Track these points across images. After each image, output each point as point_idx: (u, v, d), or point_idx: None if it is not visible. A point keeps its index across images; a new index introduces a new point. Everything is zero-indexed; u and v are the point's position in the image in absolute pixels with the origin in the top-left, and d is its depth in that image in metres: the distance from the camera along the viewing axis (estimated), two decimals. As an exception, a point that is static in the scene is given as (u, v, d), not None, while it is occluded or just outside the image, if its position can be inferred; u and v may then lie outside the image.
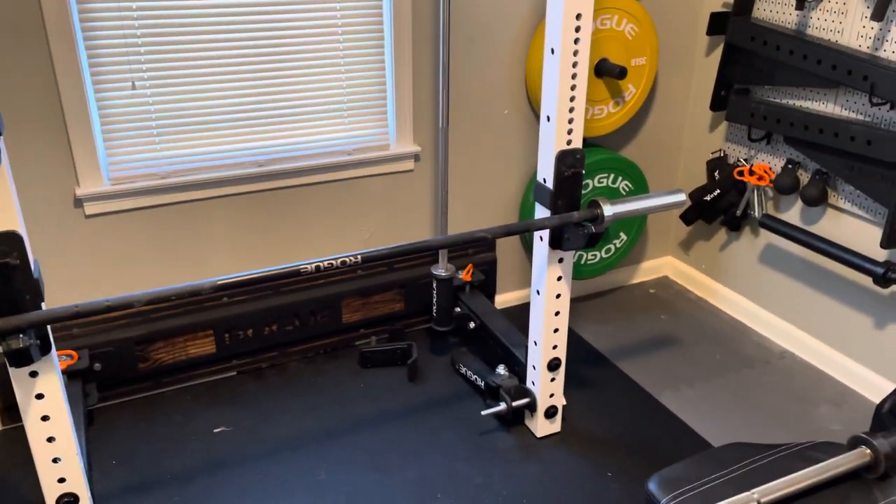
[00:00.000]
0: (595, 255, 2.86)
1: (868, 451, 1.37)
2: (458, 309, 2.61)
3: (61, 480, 1.63)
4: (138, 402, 2.37)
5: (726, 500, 1.28)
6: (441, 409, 2.38)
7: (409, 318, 2.74)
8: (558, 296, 2.10)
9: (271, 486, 2.05)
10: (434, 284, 2.54)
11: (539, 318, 2.12)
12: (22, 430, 2.25)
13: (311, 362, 2.60)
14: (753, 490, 1.30)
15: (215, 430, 2.26)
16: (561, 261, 2.05)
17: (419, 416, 2.35)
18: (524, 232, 2.49)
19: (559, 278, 2.07)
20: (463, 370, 2.51)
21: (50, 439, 1.58)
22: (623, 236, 2.87)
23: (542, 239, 2.03)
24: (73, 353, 2.15)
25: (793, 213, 2.58)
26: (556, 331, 2.14)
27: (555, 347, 2.16)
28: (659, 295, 3.09)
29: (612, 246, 2.87)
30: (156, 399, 2.39)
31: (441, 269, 2.53)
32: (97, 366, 2.20)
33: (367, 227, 2.60)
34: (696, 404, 2.41)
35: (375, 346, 2.62)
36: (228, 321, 2.41)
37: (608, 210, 1.93)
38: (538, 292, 2.11)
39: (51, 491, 1.63)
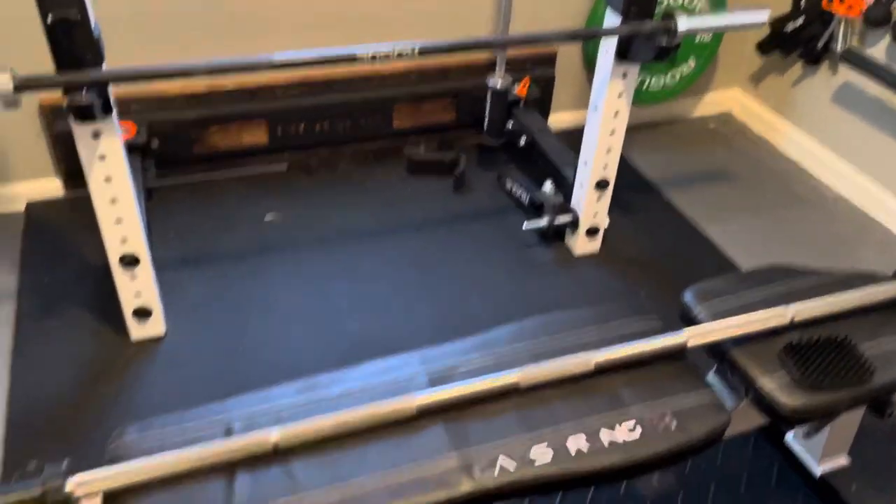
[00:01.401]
0: (659, 81, 2.74)
1: (913, 282, 1.36)
2: (509, 124, 2.57)
3: (123, 241, 1.72)
4: (193, 185, 2.44)
5: (759, 312, 1.31)
6: (483, 221, 2.42)
7: (459, 130, 2.72)
8: (616, 113, 2.04)
9: (316, 273, 2.15)
10: (488, 96, 2.49)
11: (593, 136, 2.08)
12: (84, 197, 2.36)
13: (360, 164, 2.62)
14: (790, 305, 1.31)
15: (266, 219, 2.34)
16: (625, 76, 1.97)
17: (461, 225, 2.39)
18: (591, 38, 2.38)
19: (620, 95, 2.00)
20: (508, 185, 2.51)
21: (113, 200, 1.66)
22: (692, 62, 2.73)
23: (607, 50, 1.94)
24: (132, 125, 2.19)
25: (878, 49, 2.40)
26: (608, 150, 2.10)
27: (605, 167, 2.13)
28: (719, 130, 2.99)
29: (678, 72, 2.74)
30: (209, 184, 2.46)
31: (497, 81, 2.46)
32: (155, 142, 2.25)
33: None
34: (740, 238, 2.40)
35: (424, 154, 2.62)
36: (282, 113, 2.42)
37: (683, 23, 1.81)
38: (596, 108, 2.05)
39: (114, 250, 1.73)
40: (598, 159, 2.10)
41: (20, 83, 1.38)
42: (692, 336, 1.28)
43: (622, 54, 1.89)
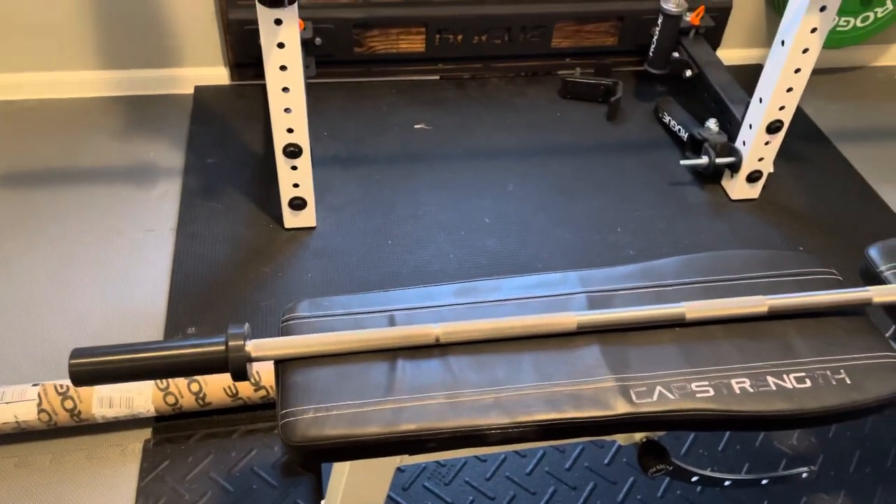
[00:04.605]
0: (848, 22, 2.50)
1: None
2: (675, 54, 2.42)
3: (290, 131, 1.77)
4: (349, 86, 2.48)
5: (961, 279, 1.19)
6: (635, 153, 2.32)
7: (620, 57, 2.60)
8: (805, 51, 1.87)
9: (461, 186, 2.15)
10: (659, 20, 2.35)
11: (775, 73, 1.93)
12: (247, 87, 2.46)
13: (512, 82, 2.57)
14: None
15: (415, 126, 2.35)
16: (823, 9, 1.79)
17: (611, 155, 2.31)
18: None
19: (814, 30, 1.83)
20: (666, 119, 2.39)
21: (285, 89, 1.69)
22: (889, 5, 2.46)
23: (808, -22, 1.77)
24: (301, 21, 2.22)
25: None
26: (789, 90, 1.95)
27: (781, 108, 1.98)
28: (906, 84, 2.72)
29: (871, 14, 2.48)
30: (364, 86, 2.48)
31: (671, 4, 2.31)
32: (318, 40, 2.28)
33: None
34: (918, 204, 2.21)
35: (579, 77, 2.53)
36: (442, 21, 2.38)
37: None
38: (783, 43, 1.89)
39: (280, 139, 1.79)
40: (775, 98, 1.95)
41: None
42: (878, 294, 1.18)
43: (828, -17, 1.72)
